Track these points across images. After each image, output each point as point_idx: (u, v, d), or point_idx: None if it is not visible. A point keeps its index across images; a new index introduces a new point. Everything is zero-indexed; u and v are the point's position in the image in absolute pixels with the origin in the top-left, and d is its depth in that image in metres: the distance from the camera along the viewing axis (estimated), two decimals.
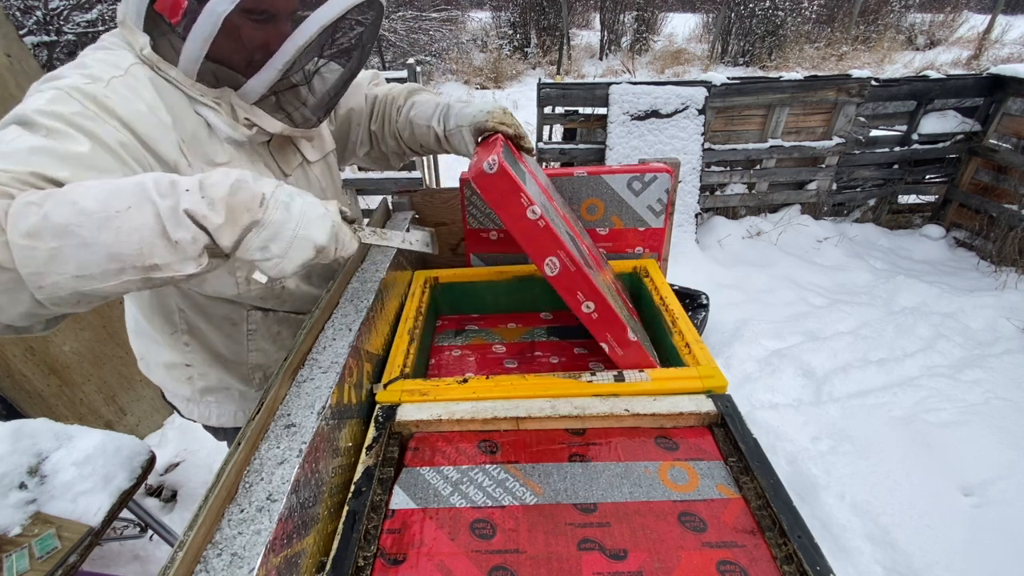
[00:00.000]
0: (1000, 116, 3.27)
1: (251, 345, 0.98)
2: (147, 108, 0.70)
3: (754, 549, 0.61)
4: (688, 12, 13.45)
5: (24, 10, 4.51)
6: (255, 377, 1.03)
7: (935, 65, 9.03)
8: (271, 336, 1.00)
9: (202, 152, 0.77)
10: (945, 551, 1.58)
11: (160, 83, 0.74)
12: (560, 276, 0.71)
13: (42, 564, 1.12)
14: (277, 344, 1.01)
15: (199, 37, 0.69)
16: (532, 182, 0.77)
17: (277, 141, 0.90)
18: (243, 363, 1.00)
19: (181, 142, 0.74)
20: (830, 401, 2.21)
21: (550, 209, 0.77)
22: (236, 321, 0.95)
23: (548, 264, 0.70)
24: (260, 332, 0.98)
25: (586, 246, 0.90)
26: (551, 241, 0.68)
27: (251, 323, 0.96)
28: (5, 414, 1.75)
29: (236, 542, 0.49)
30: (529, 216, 0.67)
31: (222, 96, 0.78)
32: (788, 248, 3.43)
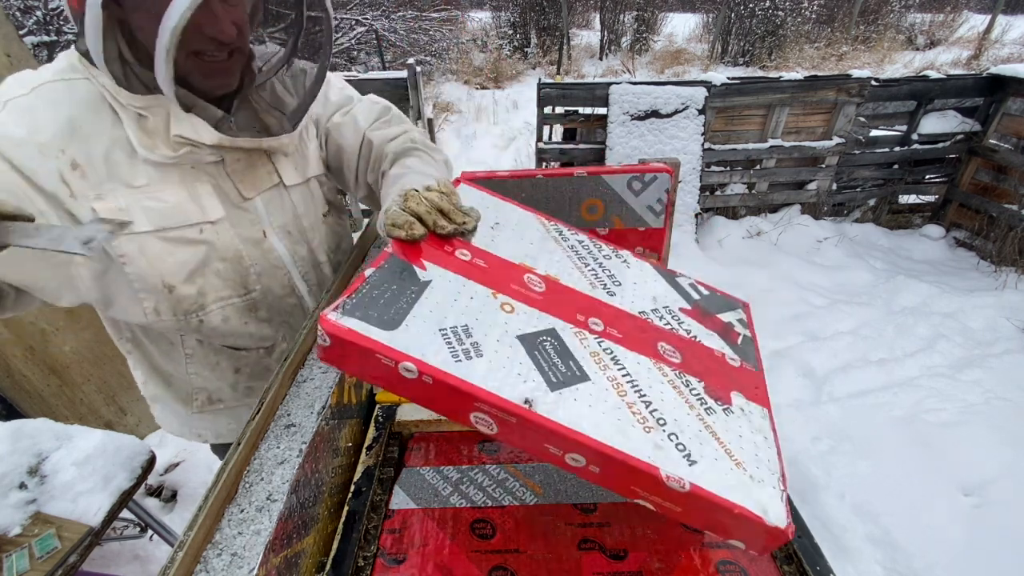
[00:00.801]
0: (1000, 116, 3.27)
1: (190, 368, 0.91)
2: (29, 134, 0.64)
3: None
4: (688, 12, 13.45)
5: (24, 10, 4.51)
6: (197, 399, 0.95)
7: (935, 65, 9.03)
8: (210, 365, 0.91)
9: (117, 174, 0.69)
10: (945, 551, 1.58)
11: (84, 97, 0.68)
12: (504, 435, 0.49)
13: (42, 564, 1.12)
14: (217, 374, 0.92)
15: (91, 27, 0.61)
16: (449, 283, 0.56)
17: (248, 159, 0.79)
18: (184, 383, 0.93)
19: (72, 168, 0.66)
20: (830, 401, 2.21)
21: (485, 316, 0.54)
22: (173, 342, 0.87)
23: (478, 422, 0.48)
24: (198, 358, 0.90)
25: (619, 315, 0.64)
26: (456, 398, 0.47)
27: (187, 347, 0.88)
28: (5, 414, 1.75)
29: (236, 542, 0.49)
30: (404, 375, 0.46)
31: (154, 106, 0.68)
32: (788, 248, 3.43)
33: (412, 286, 0.54)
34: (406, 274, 0.55)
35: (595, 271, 0.69)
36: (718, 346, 0.64)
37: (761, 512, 0.46)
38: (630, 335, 0.60)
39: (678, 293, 0.72)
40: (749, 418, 0.56)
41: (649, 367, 0.56)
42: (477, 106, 7.16)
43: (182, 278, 0.76)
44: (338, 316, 0.48)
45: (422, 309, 0.51)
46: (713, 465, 0.49)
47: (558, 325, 0.57)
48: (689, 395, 0.55)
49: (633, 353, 0.57)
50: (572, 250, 0.72)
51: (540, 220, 0.77)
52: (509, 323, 0.55)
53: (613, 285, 0.68)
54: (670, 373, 0.57)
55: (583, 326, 0.58)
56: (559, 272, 0.66)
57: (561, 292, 0.63)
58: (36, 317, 1.70)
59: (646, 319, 0.64)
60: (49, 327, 1.74)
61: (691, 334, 0.65)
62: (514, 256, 0.65)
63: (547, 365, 0.52)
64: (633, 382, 0.54)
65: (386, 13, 8.53)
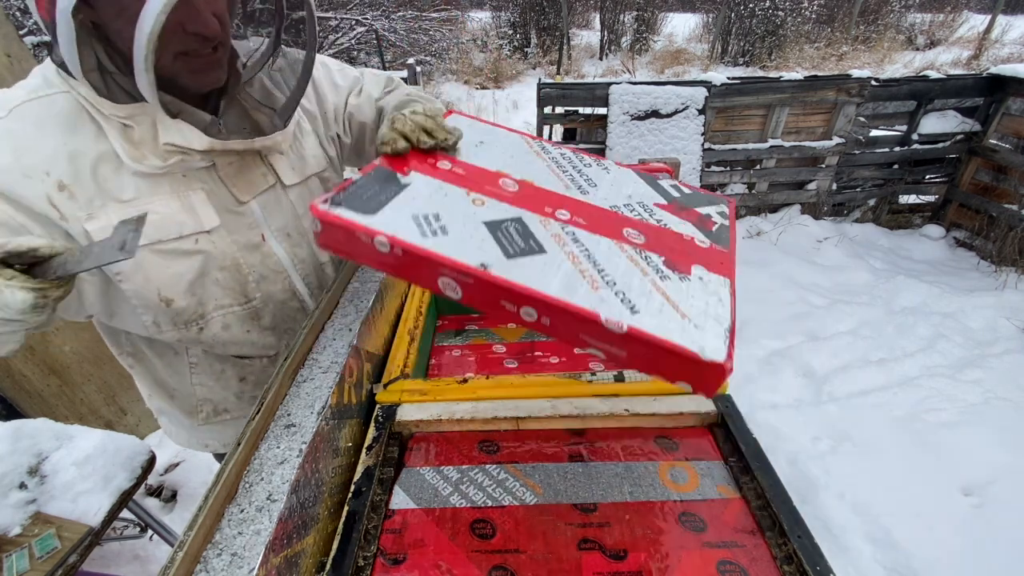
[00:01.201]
0: (1000, 116, 3.27)
1: (195, 379, 0.90)
2: (12, 159, 0.62)
3: (754, 549, 0.61)
4: (688, 12, 13.45)
5: (24, 10, 4.51)
6: (203, 410, 0.94)
7: (935, 65, 9.03)
8: (215, 374, 0.90)
9: (106, 189, 0.67)
10: (945, 551, 1.58)
11: (63, 113, 0.65)
12: (468, 297, 0.54)
13: (42, 564, 1.12)
14: (222, 383, 0.92)
15: (64, 37, 0.58)
16: (428, 186, 0.63)
17: (241, 162, 0.77)
18: (189, 395, 0.92)
19: (59, 190, 0.64)
20: (830, 401, 2.21)
21: (458, 202, 0.61)
22: (177, 352, 0.86)
23: (445, 287, 0.54)
24: (202, 367, 0.89)
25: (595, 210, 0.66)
26: (424, 266, 0.53)
27: (192, 357, 0.87)
28: (5, 414, 1.75)
29: (236, 542, 0.49)
30: (379, 249, 0.53)
31: (138, 115, 0.66)
32: (788, 248, 3.43)
33: (393, 187, 0.61)
34: (389, 179, 0.62)
35: (572, 176, 0.72)
36: (688, 232, 0.66)
37: (697, 349, 0.48)
38: (596, 222, 0.63)
39: (656, 192, 0.73)
40: (706, 285, 0.57)
41: (609, 245, 0.59)
42: (477, 106, 7.17)
43: (180, 291, 0.75)
44: (327, 206, 0.55)
45: (399, 202, 0.58)
46: (656, 314, 0.52)
47: (525, 215, 0.61)
48: (646, 266, 0.58)
49: (596, 235, 0.60)
50: (553, 161, 0.75)
51: (526, 138, 0.80)
52: (478, 213, 0.60)
53: (588, 186, 0.71)
54: (630, 250, 0.59)
55: (550, 216, 0.62)
56: (535, 177, 0.70)
57: (534, 192, 0.66)
58: None
59: (616, 211, 0.67)
60: None
61: (661, 223, 0.66)
62: (492, 165, 0.70)
63: (507, 242, 0.57)
64: (590, 255, 0.57)
65: (386, 13, 8.53)
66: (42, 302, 0.54)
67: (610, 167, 0.77)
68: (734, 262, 0.63)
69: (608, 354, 0.53)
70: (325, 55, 0.97)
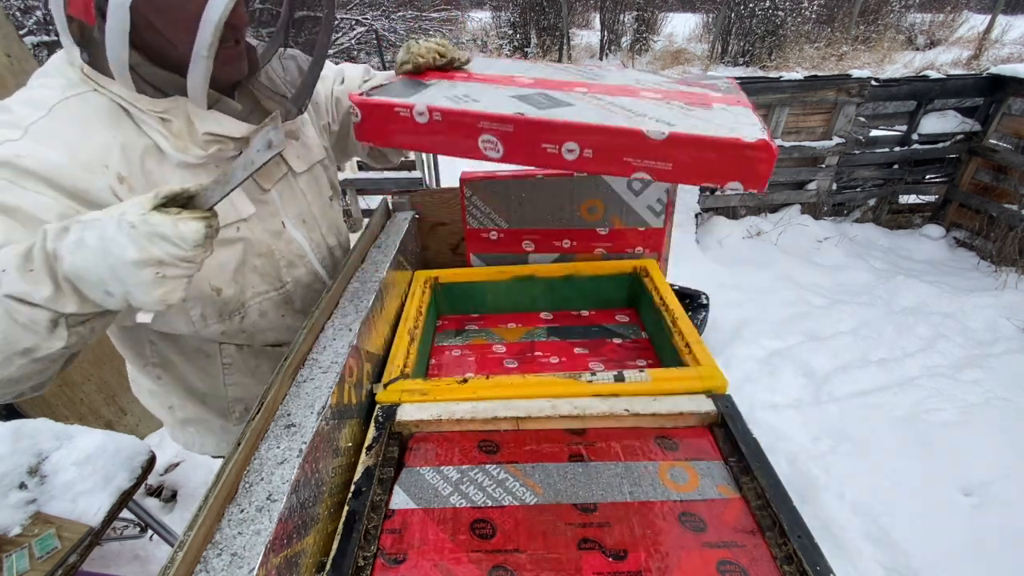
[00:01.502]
0: (1000, 116, 3.27)
1: (228, 379, 0.91)
2: (68, 156, 0.62)
3: (754, 549, 0.61)
4: (688, 12, 13.45)
5: (24, 10, 4.51)
6: (235, 411, 0.96)
7: (935, 65, 9.03)
8: (249, 370, 0.92)
9: (153, 181, 0.69)
10: (945, 551, 1.58)
11: (101, 109, 0.66)
12: (509, 151, 0.57)
13: (42, 564, 1.12)
14: (256, 378, 0.94)
15: (114, 34, 0.59)
16: (452, 84, 0.72)
17: None
18: (221, 397, 0.93)
19: (119, 181, 0.65)
20: (830, 401, 2.21)
21: (474, 90, 0.69)
22: (210, 354, 0.87)
23: (486, 147, 0.57)
24: (236, 366, 0.90)
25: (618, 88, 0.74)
26: (463, 126, 0.57)
27: (225, 357, 0.88)
28: (5, 414, 1.75)
29: (236, 542, 0.49)
30: (418, 120, 0.59)
31: (173, 108, 0.68)
32: (788, 248, 3.43)
33: (420, 87, 0.69)
34: (415, 83, 0.71)
35: (580, 71, 0.83)
36: (700, 91, 0.75)
37: (737, 135, 0.53)
38: (614, 91, 0.71)
39: (662, 78, 0.85)
40: (730, 112, 0.65)
41: (632, 100, 0.67)
42: None
43: (227, 279, 0.77)
44: (365, 96, 0.63)
45: (429, 92, 0.66)
46: (691, 127, 0.56)
47: (548, 89, 0.69)
48: (671, 102, 0.65)
49: (617, 96, 0.69)
50: (561, 69, 0.85)
51: (536, 63, 0.92)
52: (503, 92, 0.67)
53: (599, 77, 0.81)
54: (652, 96, 0.68)
55: (571, 89, 0.71)
56: (547, 75, 0.79)
57: (549, 81, 0.75)
58: None
59: (630, 85, 0.76)
60: None
61: (674, 88, 0.76)
62: (506, 72, 0.79)
63: (535, 104, 0.63)
64: (615, 103, 0.64)
65: (386, 13, 8.53)
66: (210, 231, 0.56)
67: (613, 69, 0.90)
68: (750, 103, 0.72)
69: (654, 172, 0.57)
70: None
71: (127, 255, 0.51)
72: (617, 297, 1.29)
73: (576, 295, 1.28)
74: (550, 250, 1.30)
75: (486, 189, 1.23)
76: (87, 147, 0.64)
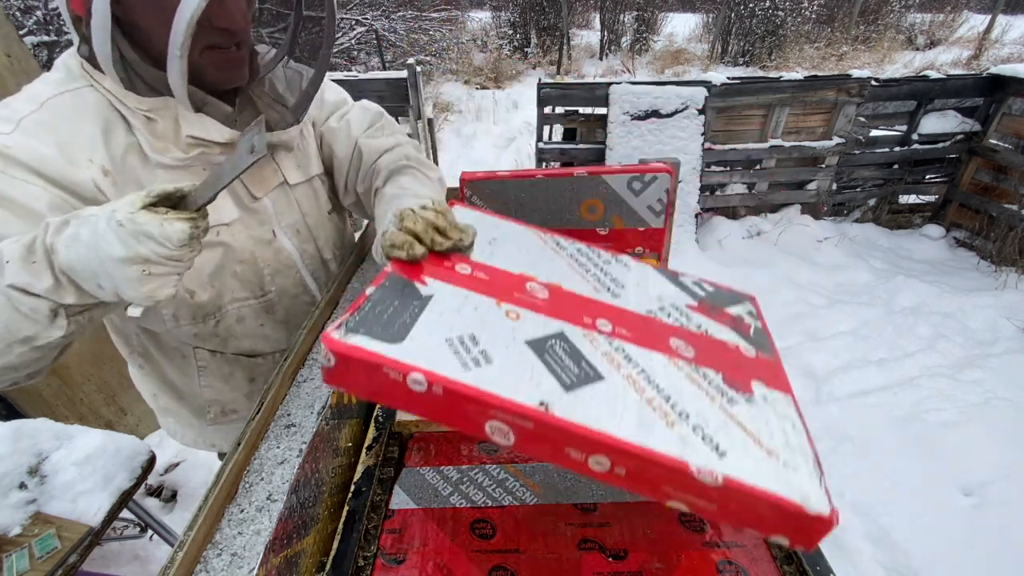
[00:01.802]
0: (1000, 116, 3.27)
1: (202, 381, 0.91)
2: (55, 149, 0.63)
3: (754, 549, 0.61)
4: (688, 12, 13.45)
5: (24, 10, 4.51)
6: (210, 411, 0.96)
7: (935, 65, 9.02)
8: (223, 376, 0.91)
9: (135, 179, 0.69)
10: (945, 551, 1.58)
11: (93, 105, 0.67)
12: (523, 443, 0.47)
13: (42, 564, 1.12)
14: (231, 385, 0.93)
15: (98, 28, 0.60)
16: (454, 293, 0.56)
17: None
18: (196, 396, 0.93)
19: (103, 175, 0.66)
20: (830, 401, 2.21)
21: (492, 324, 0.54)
22: (185, 355, 0.87)
23: (494, 432, 0.47)
24: (211, 370, 0.90)
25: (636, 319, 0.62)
26: (470, 409, 0.46)
27: (199, 360, 0.88)
28: (5, 414, 1.75)
29: (236, 542, 0.49)
30: (413, 389, 0.45)
31: (161, 108, 0.67)
32: (788, 248, 3.43)
33: (414, 301, 0.53)
34: (408, 290, 0.54)
35: (597, 276, 0.69)
36: (731, 338, 0.63)
37: (801, 499, 0.43)
38: (640, 333, 0.59)
39: (683, 291, 0.71)
40: (773, 406, 0.54)
41: (664, 363, 0.55)
42: (477, 106, 7.16)
43: (202, 282, 0.76)
44: (342, 334, 0.46)
45: (427, 321, 0.51)
46: (744, 454, 0.47)
47: (566, 328, 0.56)
48: (708, 387, 0.54)
49: (645, 350, 0.56)
50: (571, 258, 0.71)
51: (537, 232, 0.76)
52: (516, 329, 0.54)
53: (616, 288, 0.67)
54: (685, 367, 0.55)
55: (591, 327, 0.57)
56: (561, 279, 0.65)
57: (565, 297, 0.62)
58: None
59: (654, 317, 0.63)
60: None
61: (701, 328, 0.63)
62: (514, 267, 0.65)
63: (559, 368, 0.51)
64: (649, 377, 0.53)
65: (386, 13, 8.53)
66: (196, 232, 0.55)
67: (628, 263, 0.74)
68: (785, 373, 0.60)
69: (693, 507, 0.46)
70: None
71: (114, 252, 0.52)
72: None
73: None
74: None
75: (486, 189, 1.23)
76: (74, 141, 0.65)
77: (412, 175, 0.86)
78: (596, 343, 0.55)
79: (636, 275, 0.71)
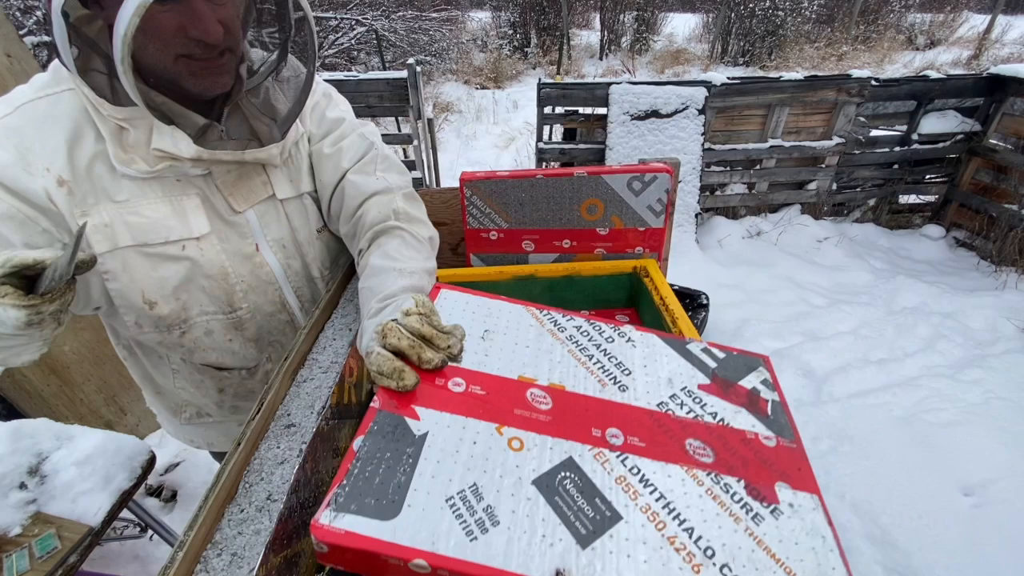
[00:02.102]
0: (1000, 116, 3.27)
1: (177, 383, 0.90)
2: (15, 155, 0.63)
3: None
4: (688, 12, 13.46)
5: (24, 10, 4.51)
6: (185, 411, 0.96)
7: (935, 65, 9.03)
8: (194, 383, 0.90)
9: (101, 188, 0.68)
10: (945, 551, 1.58)
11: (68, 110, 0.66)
12: None
13: (42, 564, 1.12)
14: (202, 391, 0.91)
15: (56, 34, 0.58)
16: (452, 422, 0.52)
17: (240, 170, 0.76)
18: (173, 395, 0.93)
19: (58, 185, 0.65)
20: (830, 401, 2.21)
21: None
22: (160, 356, 0.87)
23: None
24: (183, 374, 0.89)
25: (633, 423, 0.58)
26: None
27: (173, 363, 0.87)
28: (5, 414, 1.75)
29: (236, 542, 0.49)
30: (418, 572, 0.43)
31: (136, 118, 0.66)
32: (788, 248, 3.43)
33: (407, 447, 0.50)
34: (399, 432, 0.51)
35: (601, 363, 0.64)
36: (749, 425, 0.59)
37: None
38: (654, 440, 0.55)
39: (693, 366, 0.66)
40: (801, 516, 0.51)
41: (682, 478, 0.52)
42: (477, 106, 7.16)
43: (165, 295, 0.75)
44: (331, 517, 0.43)
45: (423, 476, 0.48)
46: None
47: (574, 451, 0.53)
48: (732, 503, 0.51)
49: (661, 464, 0.53)
50: (572, 341, 0.67)
51: (531, 312, 0.71)
52: (521, 465, 0.50)
53: (623, 376, 0.63)
54: (706, 480, 0.52)
55: (602, 443, 0.54)
56: (563, 377, 0.61)
57: (570, 404, 0.58)
58: None
59: (667, 412, 0.59)
60: None
61: (718, 418, 0.60)
62: (512, 370, 0.61)
63: (572, 513, 0.47)
64: (669, 506, 0.49)
65: (386, 13, 8.53)
66: (36, 318, 0.53)
67: (632, 336, 0.70)
68: (808, 461, 0.57)
69: None
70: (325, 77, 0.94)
71: None
72: (617, 297, 1.29)
73: (576, 295, 1.28)
74: (550, 250, 1.30)
75: (486, 189, 1.23)
76: (36, 148, 0.64)
77: (400, 238, 0.79)
78: (609, 466, 0.52)
79: (642, 353, 0.67)
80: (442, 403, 0.54)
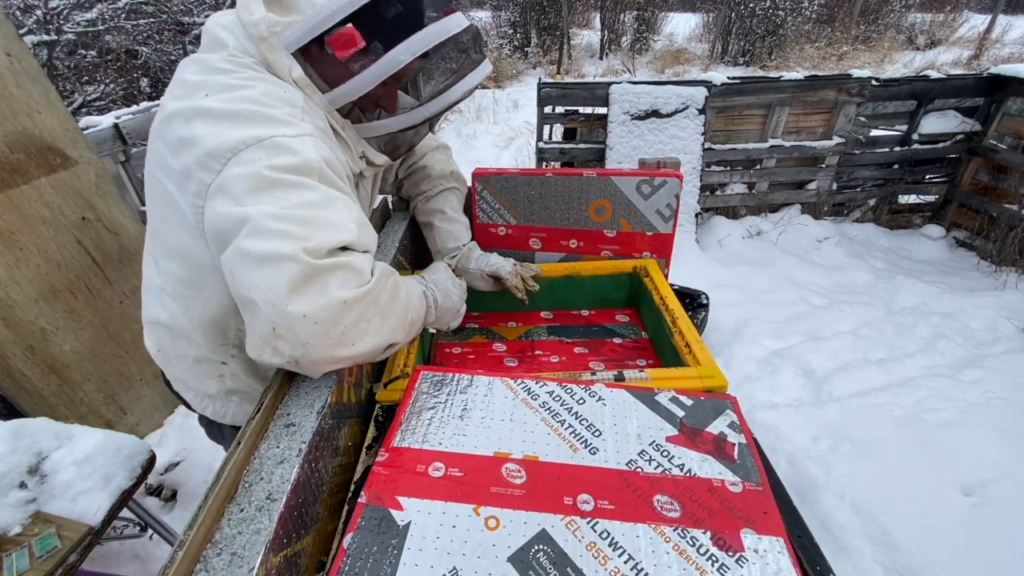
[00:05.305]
0: (1000, 116, 3.27)
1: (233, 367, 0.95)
2: (329, 151, 0.75)
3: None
4: (688, 12, 13.44)
5: (24, 9, 4.51)
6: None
7: (935, 65, 9.02)
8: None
9: None
10: (945, 551, 1.58)
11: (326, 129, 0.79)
12: None
13: (42, 563, 1.12)
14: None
15: (372, 76, 0.75)
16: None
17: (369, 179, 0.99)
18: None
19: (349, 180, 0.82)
20: (830, 401, 2.21)
21: None
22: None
23: None
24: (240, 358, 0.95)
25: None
26: None
27: None
28: (5, 413, 1.75)
29: (236, 542, 0.49)
30: None
31: (346, 128, 0.84)
32: (788, 248, 3.43)
33: (392, 539, 0.54)
34: (384, 524, 0.55)
35: (572, 428, 0.68)
36: (716, 473, 0.62)
37: None
38: (623, 501, 0.59)
39: (661, 417, 0.70)
40: (767, 561, 0.54)
41: (651, 536, 0.55)
42: (477, 106, 7.16)
43: None
44: None
45: (407, 567, 0.52)
46: None
47: (547, 522, 0.56)
48: (698, 557, 0.54)
49: (630, 524, 0.57)
50: (545, 408, 0.71)
51: (506, 384, 0.75)
52: (498, 544, 0.54)
53: (594, 438, 0.67)
54: (673, 536, 0.55)
55: (573, 511, 0.58)
56: (536, 448, 0.65)
57: (543, 474, 0.62)
58: (36, 316, 1.70)
59: (635, 470, 0.63)
60: (49, 326, 1.74)
61: (685, 469, 0.63)
62: (488, 447, 0.65)
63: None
64: (637, 567, 0.53)
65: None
66: None
67: (602, 394, 0.74)
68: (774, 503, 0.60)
69: None
70: None
71: None
72: (617, 297, 1.29)
73: (576, 294, 1.28)
74: (557, 249, 1.30)
75: (497, 184, 1.23)
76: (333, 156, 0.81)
77: (457, 197, 1.21)
78: (580, 533, 0.55)
79: (612, 411, 0.71)
80: (423, 490, 0.59)
